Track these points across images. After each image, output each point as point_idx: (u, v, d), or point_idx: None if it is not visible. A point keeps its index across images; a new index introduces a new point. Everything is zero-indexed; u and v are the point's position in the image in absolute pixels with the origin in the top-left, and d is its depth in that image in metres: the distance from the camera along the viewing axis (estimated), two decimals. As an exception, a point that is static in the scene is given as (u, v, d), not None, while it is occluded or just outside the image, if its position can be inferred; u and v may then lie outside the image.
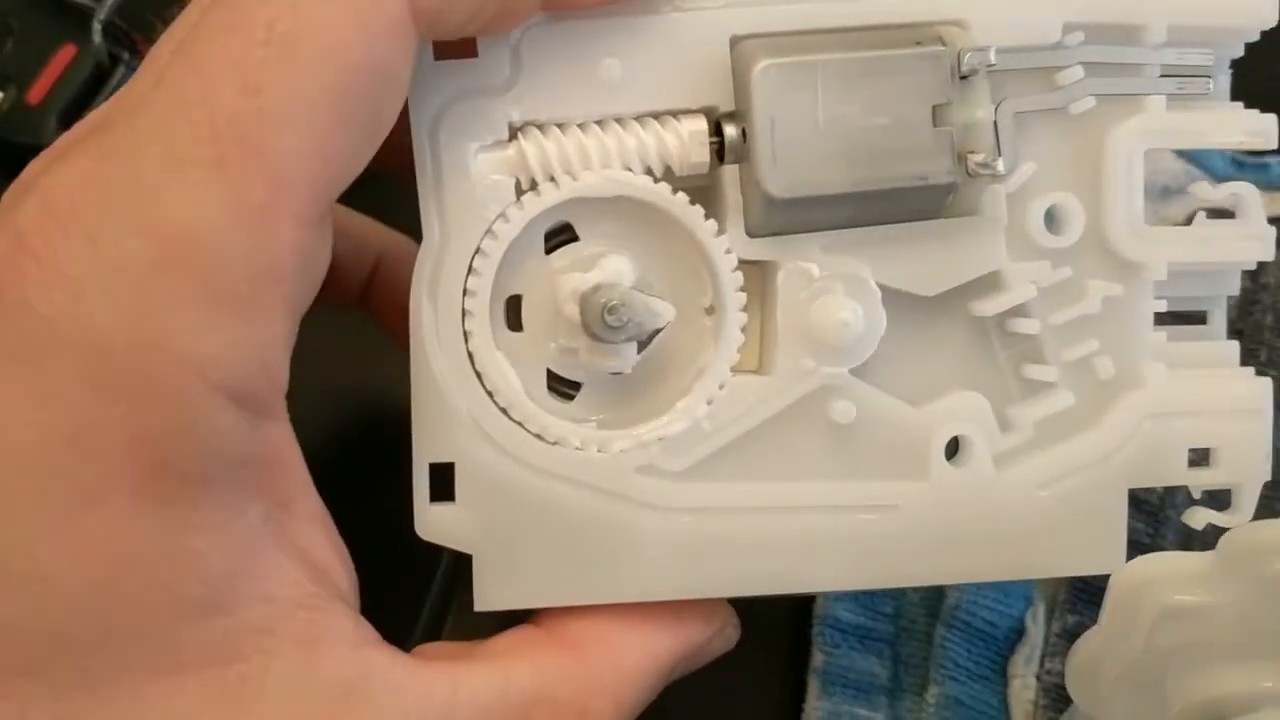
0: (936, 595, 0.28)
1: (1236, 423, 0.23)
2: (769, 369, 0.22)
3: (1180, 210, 0.28)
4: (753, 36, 0.21)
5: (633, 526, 0.22)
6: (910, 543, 0.22)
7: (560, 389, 0.22)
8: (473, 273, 0.21)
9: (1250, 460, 0.23)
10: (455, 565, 0.27)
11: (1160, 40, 0.22)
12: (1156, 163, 0.24)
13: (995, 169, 0.21)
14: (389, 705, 0.20)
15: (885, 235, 0.22)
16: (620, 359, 0.21)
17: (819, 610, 0.28)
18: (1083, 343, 0.23)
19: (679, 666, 0.23)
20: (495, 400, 0.21)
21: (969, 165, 0.21)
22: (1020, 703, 0.27)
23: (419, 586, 0.27)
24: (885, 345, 0.22)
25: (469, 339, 0.21)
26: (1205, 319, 0.24)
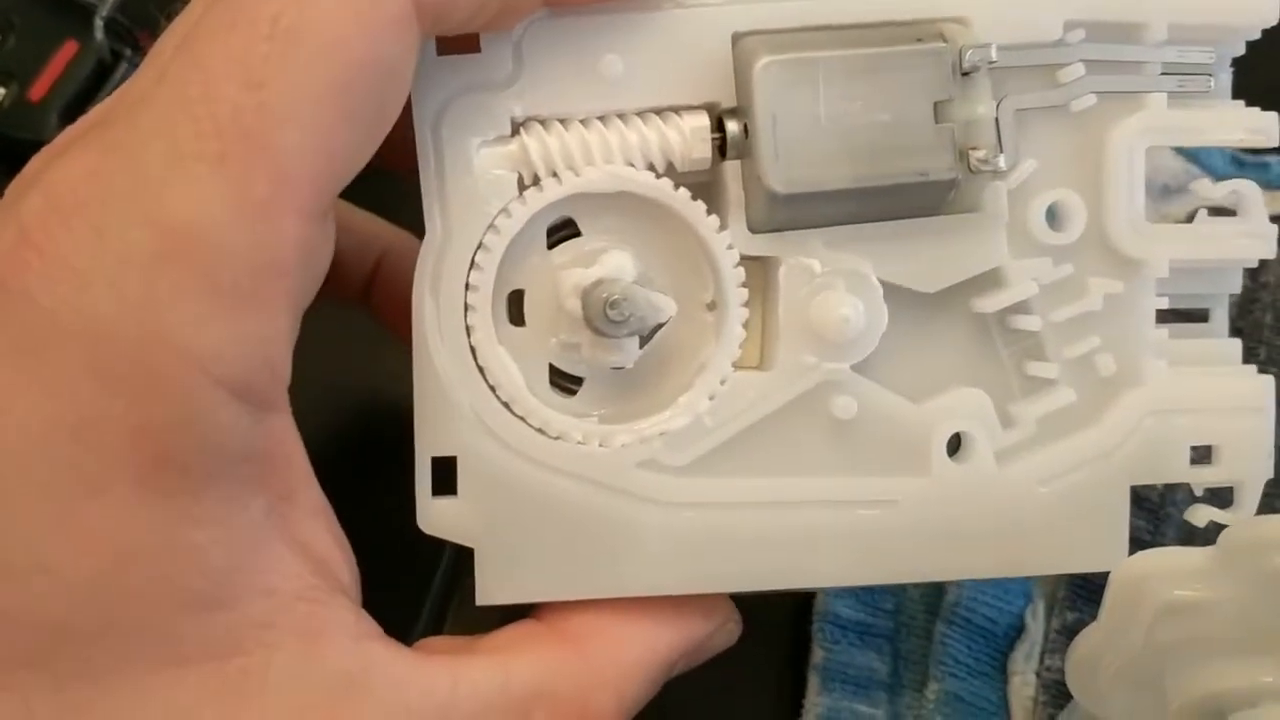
0: (936, 592, 0.28)
1: (1238, 420, 0.23)
2: (770, 364, 0.22)
3: (1181, 209, 0.28)
4: (754, 33, 0.21)
5: (634, 521, 0.22)
6: (911, 539, 0.22)
7: (562, 384, 0.22)
8: (475, 267, 0.21)
9: (1252, 458, 0.23)
10: (456, 560, 0.27)
11: (1161, 38, 0.22)
12: (1157, 161, 0.24)
13: (996, 165, 0.21)
14: (390, 698, 0.20)
15: (887, 231, 0.22)
16: (622, 354, 0.21)
17: (819, 606, 0.28)
18: (1084, 340, 0.23)
19: (680, 662, 0.23)
20: (497, 395, 0.21)
21: (970, 162, 0.21)
22: (1020, 699, 0.27)
23: (420, 582, 0.27)
24: (887, 341, 0.22)
25: (471, 334, 0.21)
26: (1207, 317, 0.24)
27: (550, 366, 0.22)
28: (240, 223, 0.18)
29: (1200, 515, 0.23)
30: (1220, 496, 0.23)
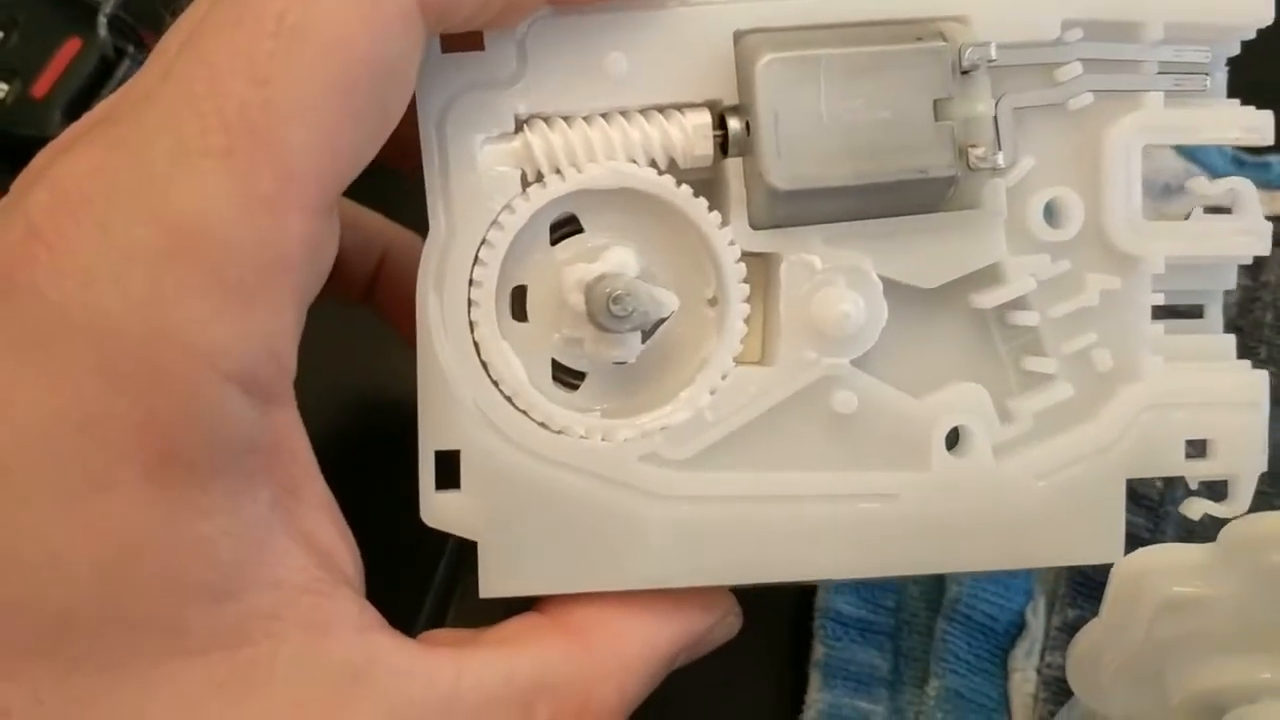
0: (937, 589, 0.29)
1: (1233, 414, 0.23)
2: (771, 360, 0.22)
3: (1180, 208, 0.28)
4: (756, 31, 0.21)
5: (636, 515, 0.22)
6: (911, 532, 0.22)
7: (565, 379, 0.22)
8: (478, 263, 0.21)
9: (1247, 451, 0.23)
10: (458, 555, 0.27)
11: (1158, 37, 0.22)
12: (1158, 162, 0.24)
13: (995, 163, 0.22)
14: (394, 689, 0.20)
15: (887, 228, 0.22)
16: (624, 348, 0.21)
17: (820, 603, 0.28)
18: (1081, 335, 0.23)
19: (681, 654, 0.23)
20: (500, 389, 0.21)
21: (969, 159, 0.22)
22: (1020, 695, 0.27)
23: (422, 576, 0.28)
24: (886, 337, 0.22)
25: (474, 329, 0.21)
26: (1203, 313, 0.25)
27: (553, 361, 0.22)
28: (246, 219, 0.18)
29: (1195, 508, 0.23)
30: (1216, 491, 0.24)
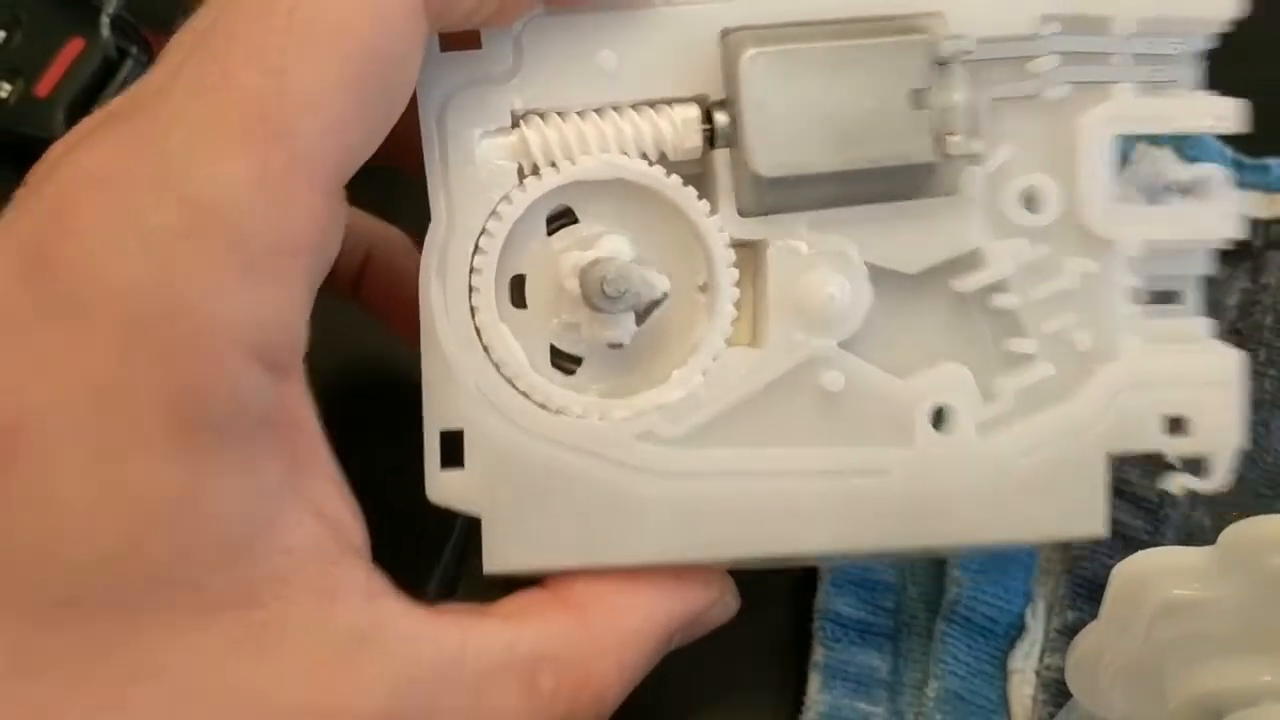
0: (936, 590, 0.29)
1: (1209, 393, 0.24)
2: (761, 341, 0.23)
3: None
4: (742, 29, 0.22)
5: (633, 492, 0.23)
6: (899, 506, 0.23)
7: (562, 364, 0.23)
8: (478, 252, 0.22)
9: (1222, 428, 0.24)
10: (464, 537, 0.28)
11: (1131, 30, 0.23)
12: (1158, 164, 0.25)
13: (971, 150, 0.23)
14: (401, 652, 0.21)
15: (870, 214, 0.23)
16: (619, 329, 0.22)
17: (820, 604, 0.29)
18: (1060, 316, 0.24)
19: (679, 632, 0.24)
20: (501, 372, 0.22)
21: (947, 146, 0.22)
22: (1019, 697, 0.27)
23: (427, 559, 0.28)
24: (872, 320, 0.23)
25: (475, 314, 0.22)
26: (1180, 299, 0.25)
27: (551, 346, 0.23)
28: (261, 200, 0.19)
29: (1175, 483, 0.24)
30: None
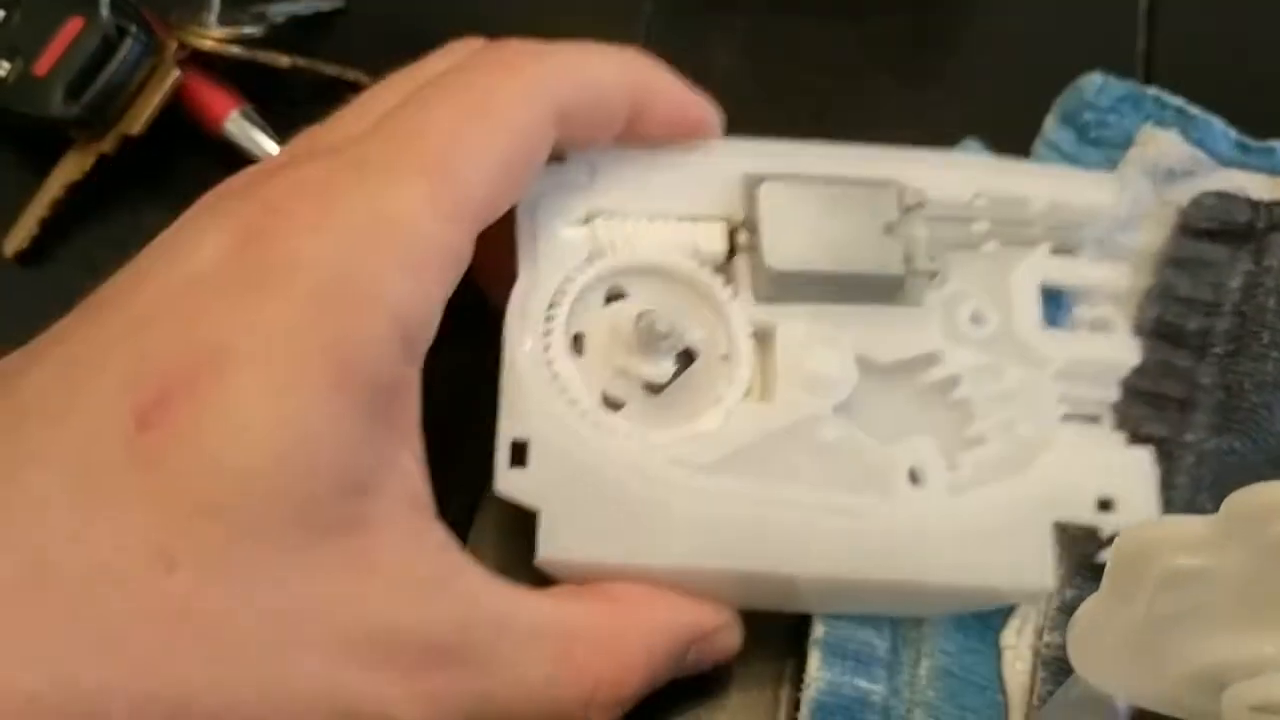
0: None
1: (1130, 482, 0.30)
2: (770, 398, 0.29)
3: (1184, 193, 0.31)
4: (757, 174, 0.30)
5: (665, 504, 0.27)
6: (879, 543, 0.28)
7: (609, 407, 0.29)
8: (553, 306, 0.28)
9: (1143, 510, 0.29)
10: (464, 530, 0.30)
11: (1041, 208, 0.31)
12: (1164, 146, 0.27)
13: (931, 268, 0.30)
14: (467, 599, 0.24)
15: (855, 313, 0.29)
16: (660, 369, 0.28)
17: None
18: (1005, 410, 0.30)
19: (694, 645, 0.27)
20: (565, 397, 0.28)
21: (913, 263, 0.30)
22: (1014, 674, 0.28)
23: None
24: (859, 397, 0.29)
25: (548, 350, 0.28)
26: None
27: (602, 392, 0.28)
28: (431, 221, 0.24)
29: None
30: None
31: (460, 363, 0.27)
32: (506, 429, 0.27)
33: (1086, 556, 0.29)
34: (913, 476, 0.29)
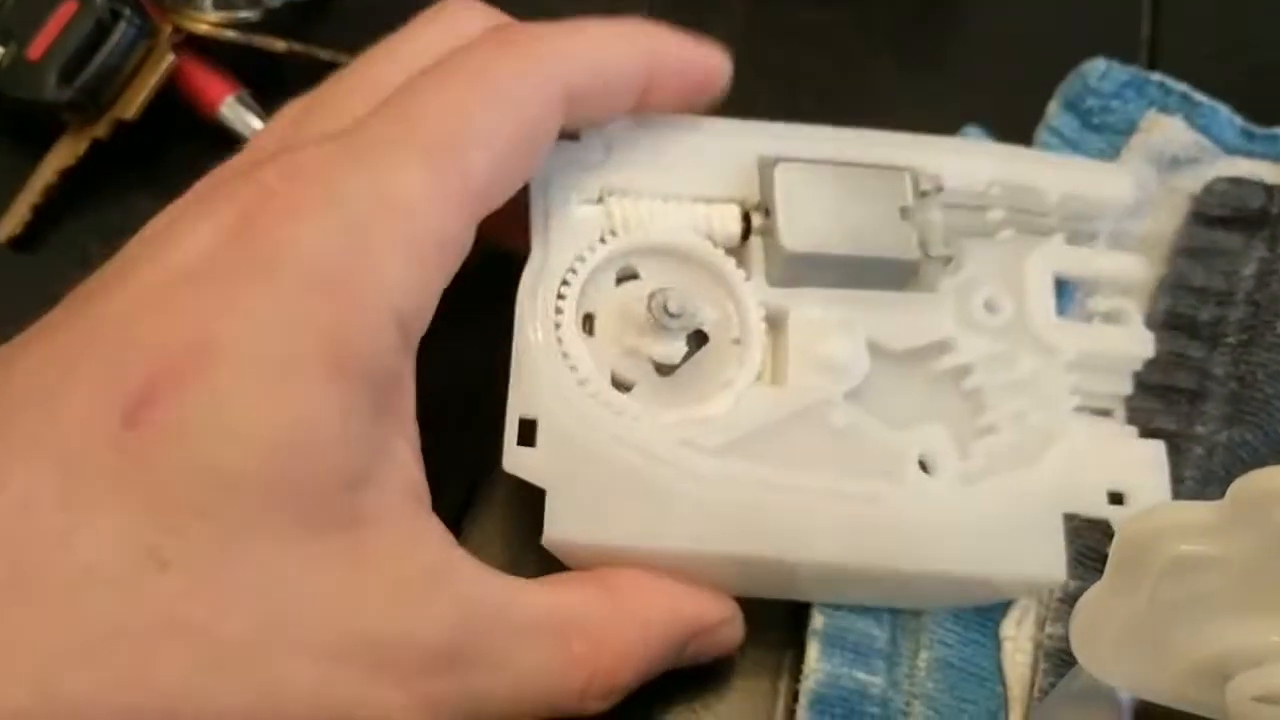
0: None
1: (1142, 475, 0.29)
2: (781, 382, 0.28)
3: (1189, 180, 0.31)
4: (772, 156, 0.30)
5: (673, 487, 0.27)
6: (888, 530, 0.27)
7: (619, 389, 0.28)
8: (564, 285, 0.28)
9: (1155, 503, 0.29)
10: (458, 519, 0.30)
11: (1055, 200, 0.31)
12: (1169, 134, 0.27)
13: (945, 253, 0.29)
14: (465, 595, 0.24)
15: (869, 298, 0.29)
16: (672, 349, 0.28)
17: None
18: (1017, 400, 0.29)
19: (693, 638, 0.27)
20: (575, 376, 0.27)
21: (927, 248, 0.29)
22: (1014, 665, 0.28)
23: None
24: (870, 384, 0.29)
25: (559, 329, 0.28)
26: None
27: (611, 373, 0.28)
28: (433, 207, 0.23)
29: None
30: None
31: (453, 348, 0.27)
32: (515, 406, 0.27)
33: (1090, 546, 0.29)
34: (923, 465, 0.29)
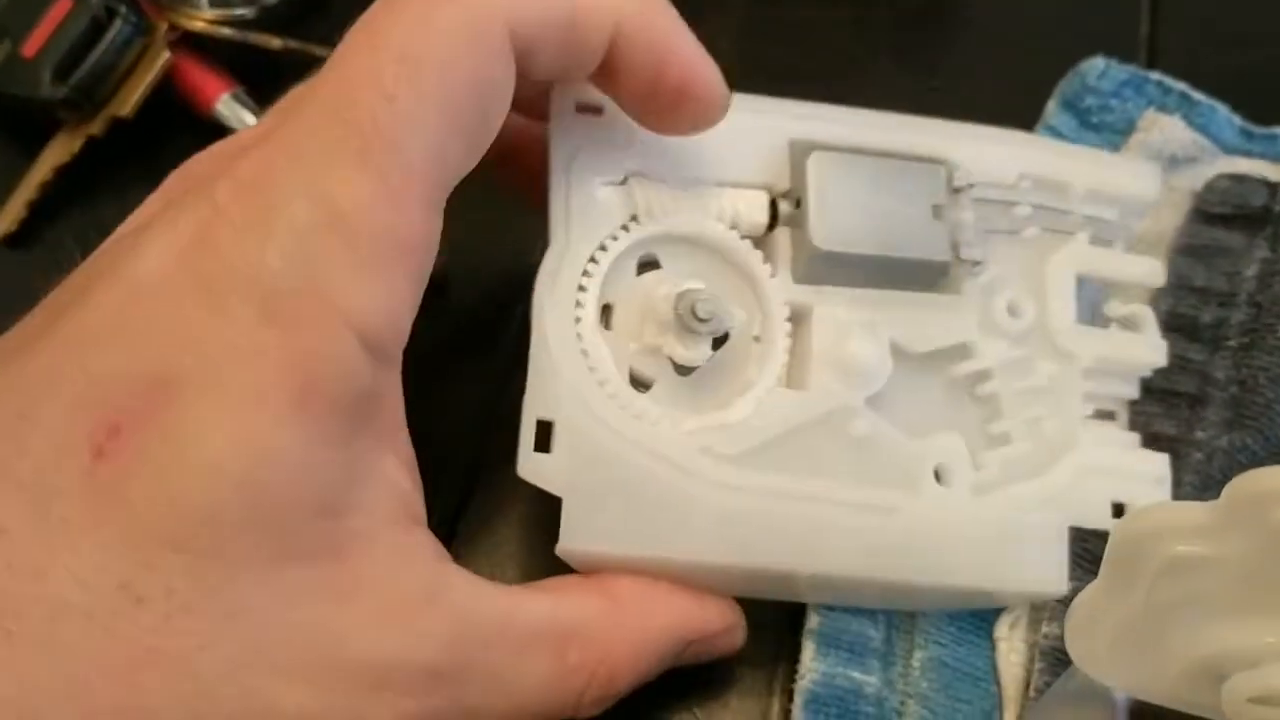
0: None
1: (1146, 487, 0.29)
2: (803, 386, 0.27)
3: (1188, 179, 0.31)
4: (805, 141, 0.28)
5: (691, 495, 0.26)
6: (902, 542, 0.27)
7: (636, 387, 0.27)
8: (586, 274, 0.26)
9: (1157, 517, 0.29)
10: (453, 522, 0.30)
11: (1082, 196, 0.30)
12: (1168, 133, 0.27)
13: (975, 256, 0.28)
14: (460, 612, 0.23)
15: (895, 299, 0.28)
16: (697, 351, 0.26)
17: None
18: (1033, 407, 0.29)
19: (692, 646, 0.27)
20: (594, 375, 0.26)
21: (958, 250, 0.28)
22: (1008, 665, 0.28)
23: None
24: (891, 388, 0.28)
25: (578, 324, 0.26)
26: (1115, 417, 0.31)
27: (629, 370, 0.27)
28: (379, 206, 0.21)
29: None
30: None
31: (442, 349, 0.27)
32: (531, 407, 0.25)
33: (1086, 548, 0.29)
34: (938, 475, 0.28)
